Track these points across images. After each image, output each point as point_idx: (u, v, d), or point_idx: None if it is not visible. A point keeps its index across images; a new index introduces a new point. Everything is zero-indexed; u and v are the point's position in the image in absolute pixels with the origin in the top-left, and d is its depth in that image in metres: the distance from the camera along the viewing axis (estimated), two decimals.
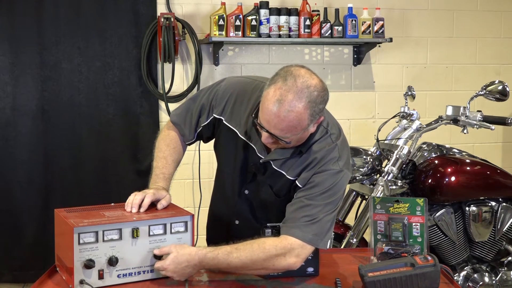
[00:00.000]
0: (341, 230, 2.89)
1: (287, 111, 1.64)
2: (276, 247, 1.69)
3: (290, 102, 1.64)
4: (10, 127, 3.91)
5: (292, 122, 1.66)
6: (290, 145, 1.78)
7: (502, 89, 2.68)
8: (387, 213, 1.83)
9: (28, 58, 3.88)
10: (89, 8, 3.92)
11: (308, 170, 1.80)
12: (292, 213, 1.76)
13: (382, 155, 2.88)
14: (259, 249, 1.68)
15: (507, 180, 2.86)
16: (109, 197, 3.32)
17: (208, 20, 4.00)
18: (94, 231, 1.60)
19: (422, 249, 1.80)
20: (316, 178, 1.78)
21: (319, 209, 1.74)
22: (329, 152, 1.80)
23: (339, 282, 1.69)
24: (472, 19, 4.51)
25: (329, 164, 1.78)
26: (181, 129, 2.04)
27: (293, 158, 1.83)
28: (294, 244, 1.70)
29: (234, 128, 1.92)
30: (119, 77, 4.00)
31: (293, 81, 1.66)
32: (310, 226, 1.71)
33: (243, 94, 1.93)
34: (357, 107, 4.35)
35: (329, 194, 1.76)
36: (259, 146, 1.87)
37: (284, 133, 1.68)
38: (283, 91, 1.65)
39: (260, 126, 1.73)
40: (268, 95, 1.67)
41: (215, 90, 1.99)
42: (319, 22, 4.05)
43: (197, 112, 2.00)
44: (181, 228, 1.72)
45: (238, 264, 1.67)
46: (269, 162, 1.86)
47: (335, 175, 1.78)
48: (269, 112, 1.65)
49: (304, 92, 1.65)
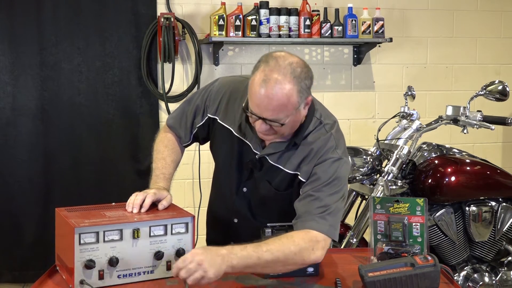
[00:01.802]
0: (341, 230, 2.88)
1: (275, 89, 1.65)
2: (304, 239, 1.67)
3: (276, 80, 1.66)
4: (10, 127, 3.91)
5: (282, 100, 1.66)
6: (285, 133, 1.78)
7: (502, 89, 2.68)
8: (387, 213, 1.83)
9: (28, 58, 3.88)
10: (89, 8, 3.92)
11: (307, 162, 1.81)
12: (304, 207, 1.75)
13: (382, 155, 2.88)
14: (289, 242, 1.64)
15: (507, 180, 2.86)
16: (109, 197, 3.31)
17: (208, 20, 4.00)
18: (95, 232, 1.60)
19: (422, 249, 1.80)
20: (317, 169, 1.79)
21: (329, 200, 1.75)
22: (326, 142, 1.81)
23: (339, 282, 1.69)
24: (472, 19, 4.51)
25: (327, 153, 1.80)
26: (177, 132, 2.06)
27: (289, 151, 1.84)
28: (318, 237, 1.69)
29: (229, 126, 1.93)
30: (119, 77, 4.00)
31: (275, 61, 1.69)
32: (325, 217, 1.72)
33: (236, 92, 1.94)
34: (357, 107, 4.35)
35: (334, 183, 1.77)
36: (254, 142, 1.88)
37: (276, 114, 1.69)
38: (267, 72, 1.67)
39: (252, 114, 1.73)
40: (254, 81, 1.69)
41: (208, 91, 2.01)
42: (319, 22, 4.05)
43: (191, 114, 2.02)
44: (182, 229, 1.72)
45: (269, 258, 1.60)
46: (265, 157, 1.87)
47: (335, 163, 1.79)
48: (257, 95, 1.67)
49: (287, 69, 1.67)
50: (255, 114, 1.72)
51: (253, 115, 1.73)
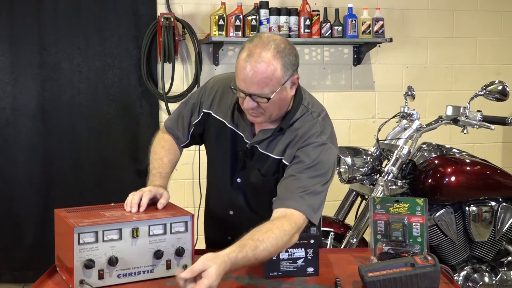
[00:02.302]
0: (341, 230, 2.89)
1: (258, 62, 1.70)
2: (292, 225, 1.68)
3: (259, 54, 1.71)
4: (10, 127, 3.92)
5: (266, 73, 1.70)
6: (272, 113, 1.80)
7: (502, 89, 2.68)
8: (387, 213, 1.83)
9: (28, 58, 3.89)
10: (89, 8, 3.92)
11: (291, 146, 1.84)
12: (284, 187, 1.78)
13: (382, 155, 2.88)
14: (280, 233, 1.64)
15: (507, 180, 2.86)
16: (109, 197, 3.31)
17: (208, 20, 4.00)
18: (94, 231, 1.60)
19: (422, 249, 1.80)
20: (300, 153, 1.82)
21: (308, 182, 1.76)
22: (311, 128, 1.85)
23: (339, 282, 1.69)
24: (472, 19, 4.51)
25: (311, 138, 1.83)
26: (174, 132, 2.09)
27: (276, 138, 1.87)
28: (300, 218, 1.71)
29: (222, 119, 1.97)
30: (119, 77, 4.00)
31: (259, 39, 1.75)
32: (304, 197, 1.73)
33: (229, 86, 1.97)
34: (357, 107, 4.35)
35: (316, 167, 1.79)
36: (246, 132, 1.92)
37: (261, 88, 1.72)
38: (251, 48, 1.72)
39: (239, 91, 1.77)
40: (239, 58, 1.74)
41: (203, 88, 2.06)
42: (319, 22, 4.05)
43: (188, 113, 2.05)
44: (181, 228, 1.72)
45: (266, 255, 1.62)
46: (256, 146, 1.90)
47: (318, 147, 1.81)
48: (242, 70, 1.72)
49: (270, 44, 1.72)
50: (242, 91, 1.76)
51: (240, 93, 1.78)
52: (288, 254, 1.75)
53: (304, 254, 1.75)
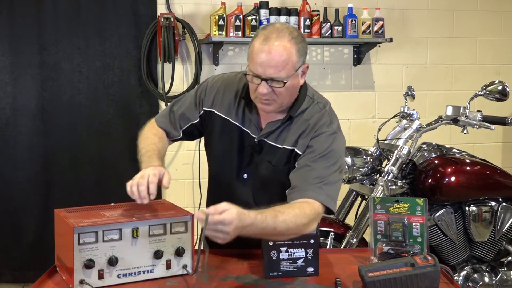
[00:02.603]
0: (341, 230, 2.89)
1: (275, 45, 1.75)
2: (312, 211, 1.73)
3: (276, 38, 1.76)
4: (10, 127, 3.92)
5: (283, 56, 1.75)
6: (283, 101, 1.84)
7: (502, 89, 2.68)
8: (387, 213, 1.83)
9: (28, 58, 3.89)
10: (89, 8, 3.92)
11: (304, 136, 1.88)
12: (300, 177, 1.81)
13: (382, 155, 2.88)
14: (301, 212, 1.69)
15: (507, 180, 2.86)
16: (109, 197, 3.31)
17: (208, 20, 4.00)
18: (94, 231, 1.60)
19: (422, 249, 1.80)
20: (313, 142, 1.86)
21: (325, 171, 1.81)
22: (321, 117, 1.90)
23: (339, 282, 1.69)
24: (472, 19, 4.51)
25: (323, 127, 1.88)
26: (166, 127, 2.09)
27: (285, 129, 1.91)
28: (319, 208, 1.76)
29: (227, 116, 1.98)
30: (119, 77, 4.00)
31: (272, 26, 1.81)
32: (322, 187, 1.78)
33: (231, 84, 2.02)
34: (357, 107, 4.35)
35: (329, 155, 1.84)
36: (253, 127, 1.94)
37: (278, 71, 1.76)
38: (267, 34, 1.77)
39: (254, 76, 1.79)
40: (254, 44, 1.78)
41: (201, 87, 2.08)
42: (319, 22, 4.05)
43: (180, 110, 2.06)
44: (181, 228, 1.72)
45: (283, 228, 1.64)
46: (264, 140, 1.92)
47: (330, 137, 1.87)
48: (259, 53, 1.76)
49: (285, 31, 1.79)
50: (257, 76, 1.78)
51: (254, 79, 1.79)
52: (288, 254, 1.75)
53: (304, 254, 1.75)
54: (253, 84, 1.82)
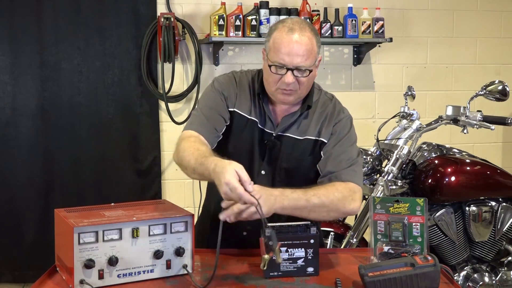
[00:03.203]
0: (341, 230, 2.89)
1: (301, 35, 1.83)
2: (345, 188, 1.83)
3: (300, 28, 1.84)
4: (10, 127, 3.92)
5: (309, 45, 1.83)
6: (303, 92, 1.90)
7: (502, 89, 2.68)
8: (387, 213, 1.83)
9: (28, 58, 3.89)
10: (89, 8, 3.92)
11: (326, 125, 1.97)
12: (331, 163, 1.90)
13: (382, 155, 2.88)
14: (332, 189, 1.80)
15: (507, 180, 2.86)
16: (109, 197, 3.33)
17: (208, 20, 4.00)
18: (94, 231, 1.60)
19: (422, 249, 1.80)
20: (337, 128, 1.97)
21: (351, 151, 1.94)
22: (335, 105, 2.02)
23: (339, 282, 1.69)
24: (472, 19, 4.51)
25: (340, 113, 2.00)
26: (206, 136, 1.94)
27: (304, 120, 1.97)
28: (355, 188, 1.86)
29: (245, 113, 1.99)
30: (119, 77, 4.00)
31: (291, 20, 1.89)
32: (355, 170, 1.90)
33: (241, 83, 2.02)
34: (357, 107, 4.34)
35: (350, 137, 1.98)
36: (269, 124, 1.97)
37: (305, 59, 1.83)
38: (289, 25, 1.84)
39: (280, 67, 1.83)
40: (279, 35, 1.83)
41: (216, 88, 2.00)
42: (319, 22, 4.05)
43: (213, 118, 1.96)
44: (181, 228, 1.72)
45: (317, 202, 1.74)
46: (283, 134, 1.96)
47: (348, 121, 2.01)
48: (288, 43, 1.81)
49: (304, 23, 1.88)
50: (284, 65, 1.82)
51: (279, 70, 1.84)
52: (288, 254, 1.75)
53: (304, 254, 1.75)
54: (277, 75, 1.85)
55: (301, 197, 1.73)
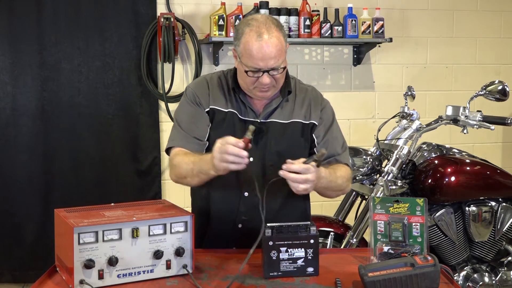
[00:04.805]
0: (341, 230, 2.89)
1: (270, 38, 1.88)
2: (347, 172, 2.04)
3: (267, 30, 1.89)
4: (10, 127, 3.92)
5: (278, 45, 1.89)
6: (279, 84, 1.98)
7: (502, 89, 2.68)
8: (387, 213, 1.83)
9: (28, 58, 3.89)
10: (89, 8, 3.92)
11: (313, 108, 2.08)
12: (330, 148, 2.03)
13: (382, 155, 2.88)
14: (346, 172, 2.02)
15: (507, 180, 2.86)
16: (109, 197, 3.33)
17: (208, 20, 4.00)
18: (94, 231, 1.60)
19: (422, 249, 1.80)
20: (323, 114, 2.09)
21: (340, 135, 2.11)
22: (315, 92, 2.15)
23: (339, 282, 1.69)
24: (472, 19, 4.51)
25: (323, 100, 2.13)
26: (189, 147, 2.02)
27: (285, 105, 2.05)
28: (350, 170, 2.07)
29: (223, 108, 2.05)
30: (119, 77, 4.00)
31: (255, 21, 1.92)
32: (345, 151, 2.09)
33: (212, 80, 2.10)
34: (357, 107, 4.35)
35: (335, 121, 2.12)
36: (251, 114, 2.02)
37: (277, 59, 1.89)
38: (256, 29, 1.89)
39: (256, 71, 1.89)
40: (248, 42, 1.89)
41: (191, 96, 2.07)
42: (319, 22, 4.05)
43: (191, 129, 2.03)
44: (181, 228, 1.72)
45: (339, 183, 1.96)
46: (268, 120, 2.02)
47: (330, 105, 2.15)
48: (259, 49, 1.87)
49: (268, 21, 1.93)
50: (260, 69, 1.89)
51: (255, 74, 1.90)
52: (288, 254, 1.75)
53: (304, 254, 1.75)
54: (253, 78, 1.92)
55: (331, 174, 1.91)
